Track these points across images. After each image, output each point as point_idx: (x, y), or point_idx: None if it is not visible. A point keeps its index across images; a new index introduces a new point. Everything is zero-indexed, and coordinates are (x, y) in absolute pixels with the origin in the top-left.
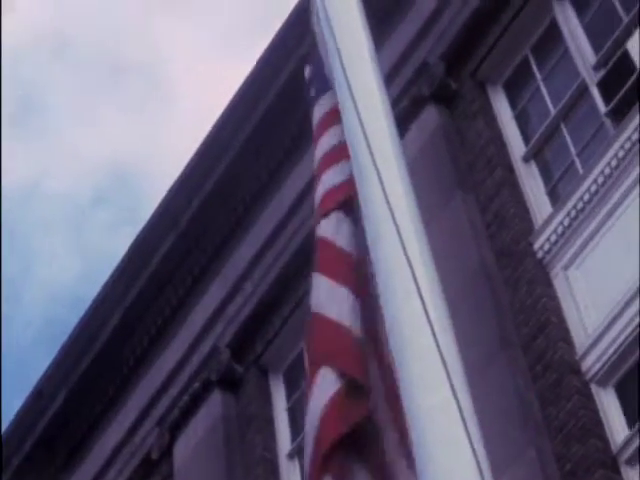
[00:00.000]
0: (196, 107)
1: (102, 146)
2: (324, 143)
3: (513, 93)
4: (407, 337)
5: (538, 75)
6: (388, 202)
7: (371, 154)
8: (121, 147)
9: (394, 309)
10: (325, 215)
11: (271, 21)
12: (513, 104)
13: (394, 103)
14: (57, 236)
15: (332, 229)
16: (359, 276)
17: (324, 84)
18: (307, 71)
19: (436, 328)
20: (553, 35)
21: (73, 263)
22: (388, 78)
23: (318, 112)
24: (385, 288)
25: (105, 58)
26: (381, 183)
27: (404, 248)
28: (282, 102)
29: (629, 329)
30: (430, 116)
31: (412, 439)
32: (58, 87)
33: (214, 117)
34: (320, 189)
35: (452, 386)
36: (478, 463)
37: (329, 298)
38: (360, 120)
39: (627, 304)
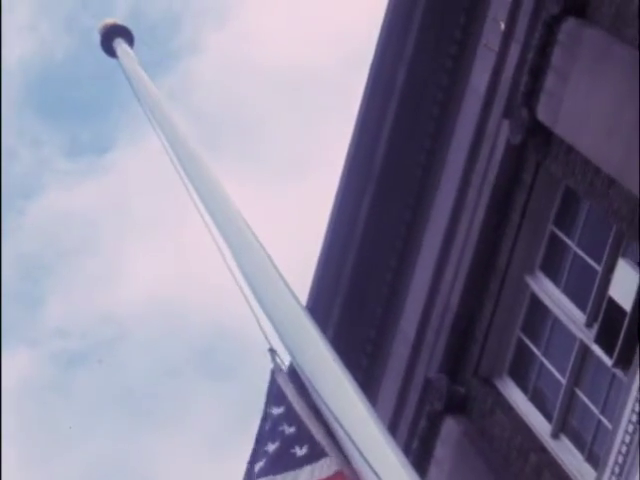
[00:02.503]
0: None
1: None
2: None
3: (520, 377)
4: None
5: (537, 352)
6: None
7: None
8: None
9: None
10: None
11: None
12: (524, 387)
13: (412, 427)
14: None
15: None
16: None
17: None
18: None
19: None
20: (538, 309)
21: None
22: (398, 406)
23: None
24: None
25: None
26: None
27: None
28: None
29: None
30: (450, 428)
31: None
32: None
33: None
34: None
35: None
36: None
37: None
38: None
39: None
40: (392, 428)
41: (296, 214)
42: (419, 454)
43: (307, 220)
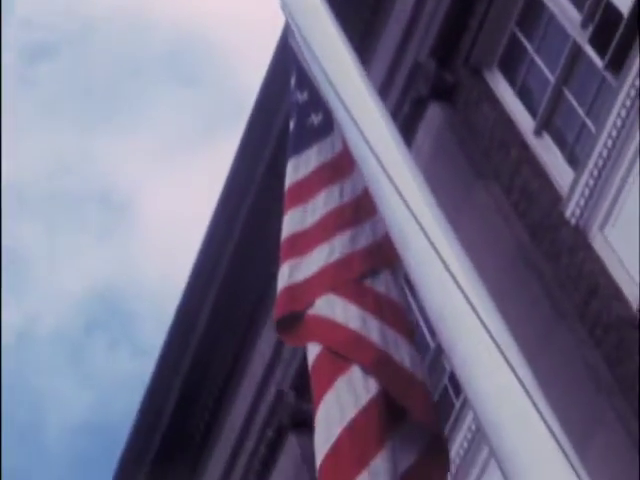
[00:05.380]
0: (160, 218)
1: (83, 277)
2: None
3: (509, 71)
4: (453, 327)
5: (529, 47)
6: (407, 205)
7: (380, 164)
8: (101, 274)
9: (434, 303)
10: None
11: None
12: (512, 82)
13: (395, 110)
14: (60, 372)
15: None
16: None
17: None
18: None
19: (481, 312)
20: (535, 5)
21: (83, 393)
22: (384, 87)
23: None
24: (420, 283)
25: (57, 195)
26: (395, 188)
27: (432, 244)
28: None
29: None
30: (434, 114)
31: (481, 426)
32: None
33: (176, 226)
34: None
35: (511, 366)
36: (559, 444)
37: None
38: (363, 134)
39: None
40: None
41: None
42: (409, 119)
43: None
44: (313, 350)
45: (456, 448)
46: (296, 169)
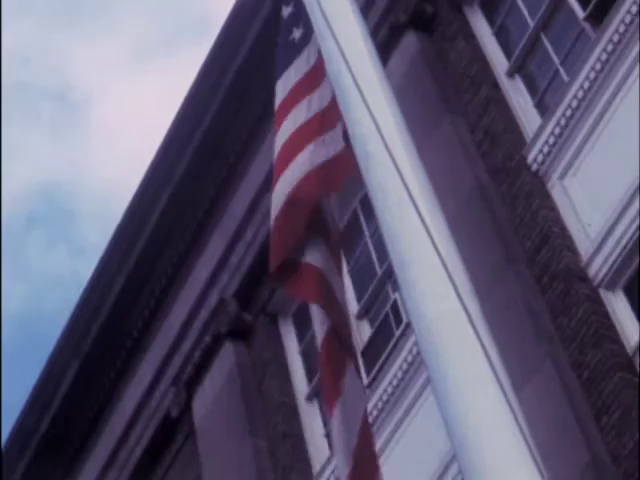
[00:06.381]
0: (116, 123)
1: (28, 172)
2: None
3: (490, 10)
4: (406, 250)
5: None
6: (375, 121)
7: (353, 78)
8: (48, 171)
9: (390, 224)
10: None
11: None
12: (491, 21)
13: (373, 33)
14: None
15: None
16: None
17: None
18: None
19: (436, 239)
20: None
21: (17, 287)
22: (364, 9)
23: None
24: (379, 204)
25: (13, 86)
26: (365, 104)
27: (394, 163)
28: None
29: (632, 230)
30: (410, 42)
31: (422, 351)
32: None
33: (130, 133)
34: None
35: (457, 293)
36: (495, 372)
37: None
38: (340, 48)
39: (627, 204)
40: None
41: None
42: (385, 44)
43: None
44: (320, 325)
45: (393, 373)
46: (280, 91)
